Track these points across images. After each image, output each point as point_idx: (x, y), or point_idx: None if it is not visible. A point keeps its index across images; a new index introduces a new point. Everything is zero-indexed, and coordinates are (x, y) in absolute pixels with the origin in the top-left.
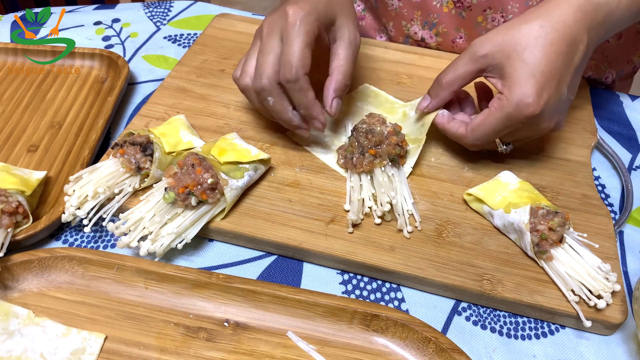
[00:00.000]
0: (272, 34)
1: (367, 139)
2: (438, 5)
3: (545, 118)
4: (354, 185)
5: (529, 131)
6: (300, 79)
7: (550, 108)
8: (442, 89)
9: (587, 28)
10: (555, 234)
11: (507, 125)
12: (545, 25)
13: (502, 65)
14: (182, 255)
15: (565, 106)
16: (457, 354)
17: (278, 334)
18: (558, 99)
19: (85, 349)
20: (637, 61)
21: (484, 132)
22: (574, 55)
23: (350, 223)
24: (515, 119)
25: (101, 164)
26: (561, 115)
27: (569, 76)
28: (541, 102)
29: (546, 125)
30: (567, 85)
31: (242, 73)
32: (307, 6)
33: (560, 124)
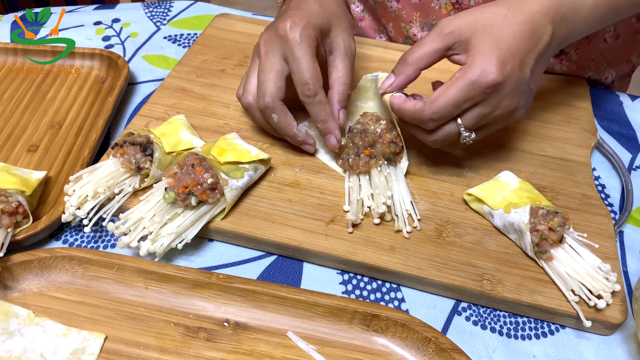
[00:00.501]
0: (272, 52)
1: (361, 139)
2: (437, 7)
3: (507, 92)
4: (353, 186)
5: (491, 108)
6: (319, 93)
7: (513, 83)
8: (407, 66)
9: (551, 20)
10: (555, 234)
11: (469, 95)
12: (512, 9)
13: (468, 40)
14: (182, 255)
15: (529, 94)
16: (457, 354)
17: (278, 334)
18: (521, 79)
19: (85, 349)
20: (635, 60)
21: (444, 103)
22: (537, 41)
23: (349, 223)
24: (477, 87)
25: (101, 164)
26: (523, 99)
27: (532, 60)
28: (504, 72)
29: (508, 103)
30: (530, 69)
31: (244, 92)
32: (302, 20)
33: (522, 114)
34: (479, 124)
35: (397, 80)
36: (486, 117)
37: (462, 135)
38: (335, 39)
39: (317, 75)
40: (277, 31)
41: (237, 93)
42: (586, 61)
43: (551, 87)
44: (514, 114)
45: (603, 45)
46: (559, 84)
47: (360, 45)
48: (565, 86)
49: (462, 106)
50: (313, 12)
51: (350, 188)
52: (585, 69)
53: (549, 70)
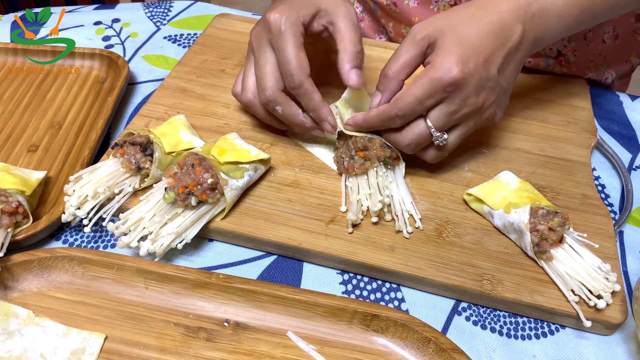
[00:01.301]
0: (262, 46)
1: (352, 143)
2: (435, 10)
3: (471, 90)
4: (352, 187)
5: (456, 105)
6: (303, 83)
7: (476, 81)
8: (390, 81)
9: (520, 19)
10: (555, 234)
11: (430, 91)
12: (480, 10)
13: (435, 42)
14: (182, 255)
15: (500, 93)
16: (457, 354)
17: (278, 334)
18: (485, 76)
19: (85, 349)
20: (634, 61)
21: (407, 99)
22: (506, 40)
23: (350, 223)
24: (438, 84)
25: (101, 164)
26: (491, 97)
27: (499, 58)
28: (465, 70)
29: (474, 101)
30: (497, 67)
31: (243, 89)
32: (285, 8)
33: (494, 112)
34: (448, 123)
35: (384, 97)
36: (453, 115)
37: (433, 137)
38: (328, 10)
39: (301, 65)
40: (264, 23)
41: (234, 90)
42: (585, 62)
43: (551, 87)
44: (483, 112)
45: (602, 46)
46: (559, 84)
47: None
48: (565, 86)
49: (425, 103)
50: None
51: (349, 189)
52: (584, 70)
53: (549, 71)
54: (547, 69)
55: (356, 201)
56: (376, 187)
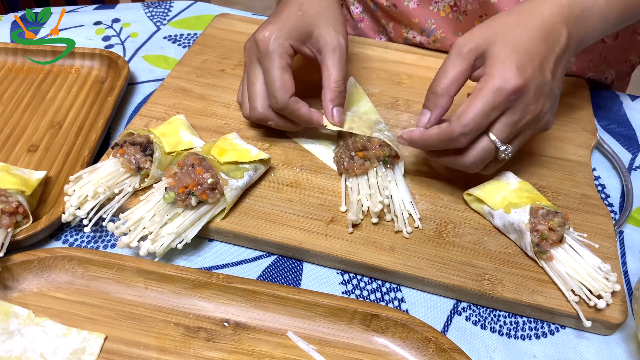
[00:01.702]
0: (252, 63)
1: (353, 142)
2: (435, 10)
3: (531, 97)
4: (352, 187)
5: (519, 114)
6: (288, 105)
7: (535, 87)
8: (440, 97)
9: (565, 21)
10: (555, 234)
11: (494, 103)
12: (524, 16)
13: (485, 52)
14: (182, 255)
15: (553, 98)
16: (457, 354)
17: (278, 334)
18: (543, 82)
19: (85, 349)
20: (634, 60)
21: (472, 114)
22: (554, 44)
23: (350, 223)
24: (501, 95)
25: (101, 164)
26: (548, 103)
27: (551, 63)
28: (524, 76)
29: (534, 107)
30: (550, 71)
31: (242, 104)
32: (275, 28)
33: (550, 118)
34: (511, 134)
35: (434, 115)
36: (516, 125)
37: (499, 150)
38: (320, 38)
39: (284, 87)
40: (255, 40)
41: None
42: (585, 62)
43: None
44: (542, 119)
45: (602, 45)
46: None
47: (361, 45)
48: (565, 86)
49: (491, 116)
50: (292, 16)
51: (349, 189)
52: (584, 70)
53: None
54: None
55: (356, 201)
56: (376, 187)
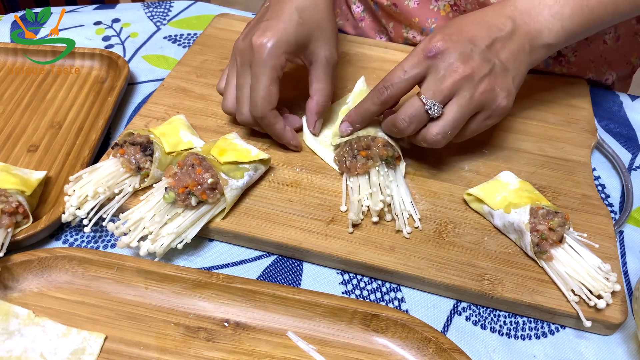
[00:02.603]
0: (244, 66)
1: (356, 142)
2: (435, 9)
3: (454, 57)
4: (353, 186)
5: (442, 72)
6: (266, 116)
7: (460, 49)
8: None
9: (509, 15)
10: (555, 234)
11: (413, 61)
12: (472, 14)
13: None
14: (182, 255)
15: (498, 70)
16: (457, 354)
17: (278, 334)
18: (470, 47)
19: (85, 349)
20: (635, 62)
21: (394, 71)
22: (494, 29)
23: (350, 223)
24: (420, 52)
25: (101, 164)
26: (484, 68)
27: (487, 39)
28: (445, 39)
29: (459, 67)
30: (485, 44)
31: (224, 99)
32: (275, 36)
33: (498, 95)
34: (438, 92)
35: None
36: (442, 82)
37: (426, 106)
38: (315, 51)
39: (269, 99)
40: (251, 42)
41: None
42: (586, 63)
43: (551, 87)
44: (477, 84)
45: (603, 47)
46: (559, 84)
47: (360, 45)
48: (565, 86)
49: (410, 72)
50: (292, 23)
51: (350, 188)
52: (585, 71)
53: (549, 71)
54: (547, 69)
55: (357, 201)
56: (377, 186)
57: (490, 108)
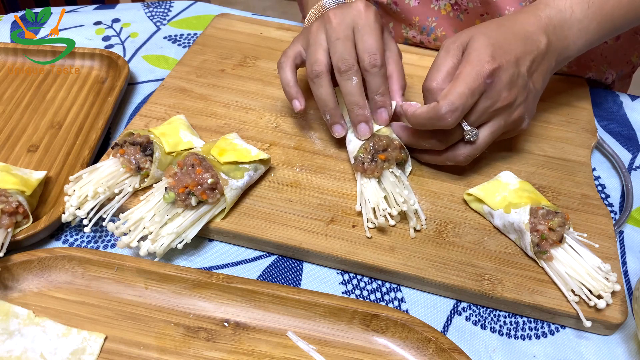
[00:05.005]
0: (344, 24)
1: (376, 142)
2: (436, 9)
3: (504, 84)
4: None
5: (491, 100)
6: (384, 65)
7: (509, 75)
8: (436, 92)
9: (544, 30)
10: (555, 234)
11: (474, 86)
12: (506, 22)
13: (467, 44)
14: (182, 255)
15: (528, 94)
16: (457, 354)
17: (278, 334)
18: (516, 73)
19: (85, 349)
20: (635, 61)
21: (457, 94)
22: (532, 47)
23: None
24: (479, 78)
25: (101, 164)
26: (521, 96)
27: (527, 61)
28: (497, 62)
29: (506, 95)
30: (526, 67)
31: (313, 62)
32: (372, 7)
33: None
34: (480, 118)
35: None
36: (487, 110)
37: (465, 131)
38: (388, 40)
39: (382, 52)
40: (350, 6)
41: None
42: (586, 62)
43: (551, 87)
44: (513, 111)
45: (603, 46)
46: (559, 84)
47: None
48: (565, 86)
49: (474, 96)
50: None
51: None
52: (585, 70)
53: None
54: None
55: (377, 206)
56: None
57: (514, 131)
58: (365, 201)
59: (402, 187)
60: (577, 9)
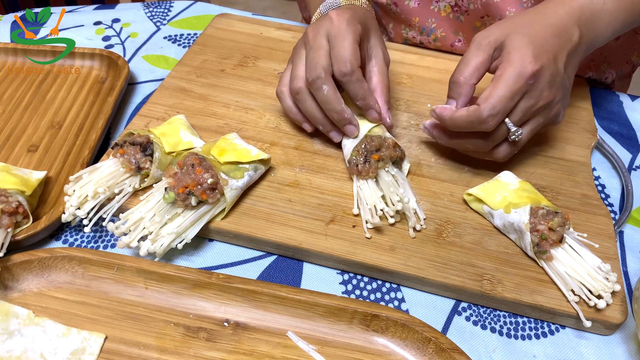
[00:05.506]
0: (319, 36)
1: (368, 143)
2: (436, 10)
3: (546, 83)
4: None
5: (534, 99)
6: (356, 71)
7: (549, 74)
8: (462, 86)
9: (577, 22)
10: (555, 234)
11: (516, 87)
12: (538, 15)
13: (503, 43)
14: (182, 255)
15: (565, 92)
16: (457, 354)
17: (278, 334)
18: (556, 71)
19: (85, 349)
20: (635, 61)
21: (498, 97)
22: (566, 40)
23: (365, 227)
24: (521, 78)
25: (101, 164)
26: (560, 93)
27: (563, 57)
28: (540, 62)
29: (547, 94)
30: (563, 65)
31: (293, 78)
32: (349, 13)
33: (560, 110)
34: (524, 117)
35: (460, 102)
36: (530, 109)
37: (510, 131)
38: (374, 47)
39: (356, 56)
40: (325, 19)
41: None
42: (586, 61)
43: None
44: (553, 108)
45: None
46: None
47: None
48: None
49: (515, 99)
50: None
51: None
52: (585, 69)
53: None
54: None
55: (373, 206)
56: (389, 187)
57: (550, 125)
58: (363, 202)
59: (397, 186)
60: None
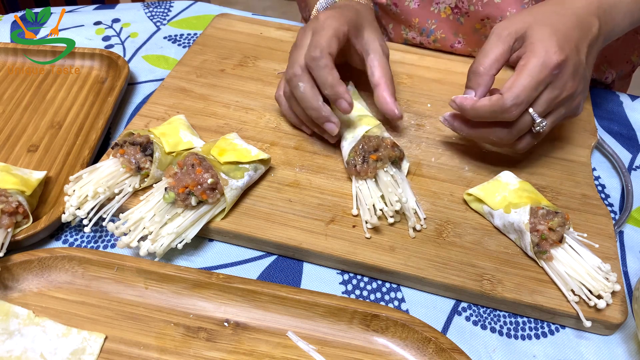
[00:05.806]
0: (304, 35)
1: (365, 143)
2: (436, 11)
3: (569, 73)
4: (362, 190)
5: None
6: (324, 57)
7: (573, 65)
8: (482, 76)
9: (595, 14)
10: (555, 234)
11: (540, 77)
12: (558, 7)
13: (524, 34)
14: (182, 255)
15: (585, 82)
16: (457, 354)
17: (278, 334)
18: (578, 62)
19: (85, 349)
20: (635, 61)
21: (522, 87)
22: (587, 31)
23: (365, 228)
24: (545, 69)
25: (101, 164)
26: (581, 84)
27: (584, 48)
28: (565, 52)
29: (571, 84)
30: (584, 55)
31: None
32: (338, 12)
33: (581, 102)
34: (548, 109)
35: (479, 93)
36: (554, 100)
37: (535, 122)
38: (371, 41)
39: (329, 44)
40: (312, 19)
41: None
42: None
43: None
44: (575, 99)
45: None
46: None
47: None
48: None
49: (539, 89)
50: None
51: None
52: None
53: None
54: None
55: (372, 205)
56: (389, 187)
57: (570, 117)
58: (362, 203)
59: (396, 186)
60: None
